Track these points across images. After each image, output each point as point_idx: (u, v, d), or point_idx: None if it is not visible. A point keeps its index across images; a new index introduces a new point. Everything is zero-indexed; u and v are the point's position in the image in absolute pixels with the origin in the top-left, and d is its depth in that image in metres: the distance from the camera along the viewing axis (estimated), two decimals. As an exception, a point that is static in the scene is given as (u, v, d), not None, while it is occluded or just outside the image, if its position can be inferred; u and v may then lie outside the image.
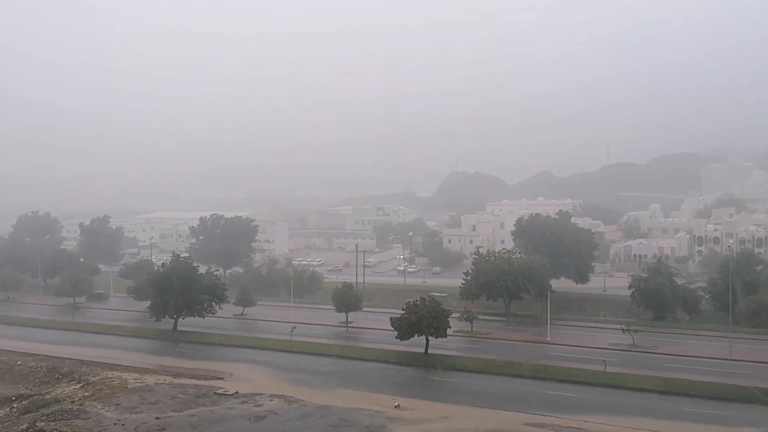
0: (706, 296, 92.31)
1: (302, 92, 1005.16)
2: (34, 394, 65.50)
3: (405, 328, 72.27)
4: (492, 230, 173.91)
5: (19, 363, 75.96)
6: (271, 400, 58.99)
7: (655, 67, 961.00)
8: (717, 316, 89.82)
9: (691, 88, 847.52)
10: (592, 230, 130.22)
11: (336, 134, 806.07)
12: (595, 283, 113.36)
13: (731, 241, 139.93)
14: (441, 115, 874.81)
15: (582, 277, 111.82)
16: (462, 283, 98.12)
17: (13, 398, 65.76)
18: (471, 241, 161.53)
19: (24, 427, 53.76)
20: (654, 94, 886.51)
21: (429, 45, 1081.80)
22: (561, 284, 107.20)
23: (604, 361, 65.49)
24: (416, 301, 74.42)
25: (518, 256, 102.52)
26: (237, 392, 61.60)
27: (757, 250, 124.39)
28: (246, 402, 58.71)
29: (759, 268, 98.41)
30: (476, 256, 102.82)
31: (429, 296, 79.19)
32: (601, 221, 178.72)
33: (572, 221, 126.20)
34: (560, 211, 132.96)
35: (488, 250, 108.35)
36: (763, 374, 63.90)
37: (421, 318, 71.22)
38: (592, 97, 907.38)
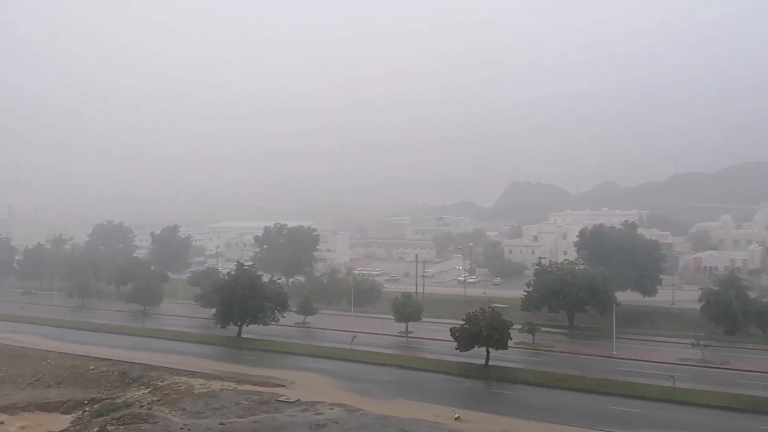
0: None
1: (369, 95, 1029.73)
2: (106, 398, 68.17)
3: (465, 338, 71.73)
4: (554, 241, 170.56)
5: (91, 367, 79.47)
6: (331, 409, 59.65)
7: (723, 73, 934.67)
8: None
9: (758, 94, 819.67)
10: (660, 241, 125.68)
11: (396, 135, 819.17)
12: (663, 296, 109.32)
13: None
14: (499, 123, 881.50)
15: (649, 290, 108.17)
16: (523, 295, 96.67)
17: (86, 402, 68.50)
18: (532, 252, 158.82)
19: (95, 430, 56.12)
20: (723, 100, 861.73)
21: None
22: (627, 297, 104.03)
23: (672, 376, 63.19)
24: (476, 311, 73.79)
25: (581, 267, 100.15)
26: (298, 400, 62.59)
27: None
28: (307, 410, 59.57)
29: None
30: (538, 267, 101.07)
31: (489, 307, 78.33)
32: (669, 232, 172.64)
33: (638, 232, 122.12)
34: (626, 221, 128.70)
35: (550, 261, 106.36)
36: None
37: (482, 329, 70.51)
38: (658, 102, 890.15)
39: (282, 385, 68.79)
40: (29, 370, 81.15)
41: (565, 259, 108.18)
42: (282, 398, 63.34)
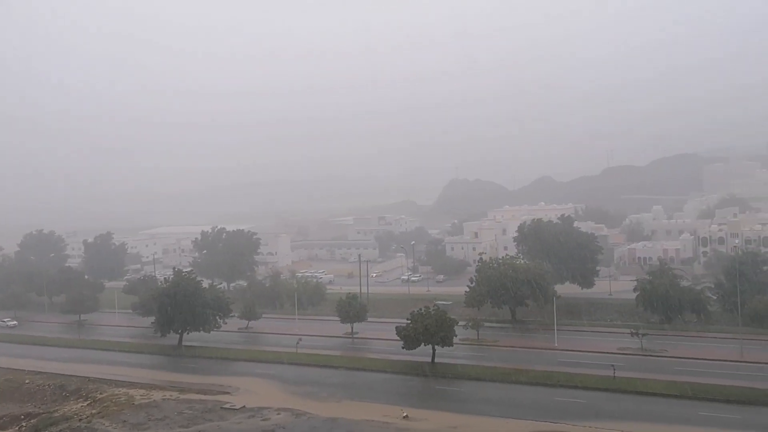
0: (714, 297, 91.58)
1: (310, 107, 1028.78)
2: (43, 413, 65.16)
3: (411, 337, 71.93)
4: (494, 237, 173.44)
5: (27, 381, 75.87)
6: (278, 414, 58.64)
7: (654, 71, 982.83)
8: (725, 317, 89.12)
9: (688, 89, 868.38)
10: (596, 234, 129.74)
11: (335, 148, 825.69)
12: (601, 287, 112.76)
13: (737, 241, 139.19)
14: (437, 124, 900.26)
15: (587, 282, 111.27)
16: (466, 291, 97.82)
17: (22, 417, 65.45)
18: (474, 248, 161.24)
19: (31, 446, 53.51)
20: (651, 94, 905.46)
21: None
22: (566, 289, 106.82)
23: (612, 365, 65.09)
24: (421, 309, 74.18)
25: (522, 262, 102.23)
26: (244, 406, 61.26)
27: (763, 249, 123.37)
28: (253, 416, 58.37)
29: (766, 267, 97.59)
30: (480, 263, 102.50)
31: (434, 305, 78.90)
32: (603, 225, 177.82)
33: (575, 225, 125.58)
34: (562, 215, 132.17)
35: (491, 257, 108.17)
36: (773, 375, 63.47)
37: (427, 327, 70.91)
38: (589, 96, 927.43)
39: (227, 392, 67.28)
40: (-42, 387, 76.61)
41: (506, 255, 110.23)
42: (227, 405, 61.84)
